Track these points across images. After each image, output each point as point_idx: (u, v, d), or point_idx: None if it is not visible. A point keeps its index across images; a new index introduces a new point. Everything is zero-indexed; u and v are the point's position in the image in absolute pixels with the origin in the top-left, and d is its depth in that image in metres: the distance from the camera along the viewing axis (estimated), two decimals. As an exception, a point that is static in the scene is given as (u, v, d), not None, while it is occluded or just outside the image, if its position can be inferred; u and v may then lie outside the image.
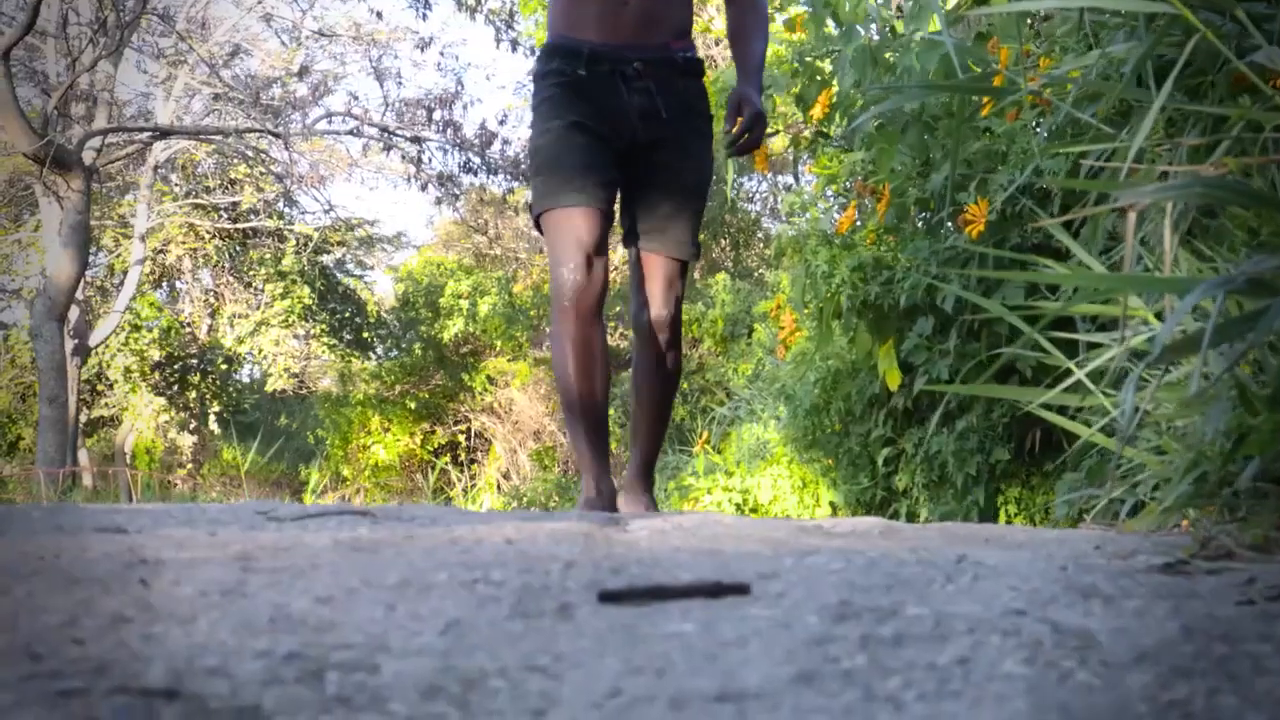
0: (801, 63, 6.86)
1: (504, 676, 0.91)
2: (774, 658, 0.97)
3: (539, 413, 25.33)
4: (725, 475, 9.15)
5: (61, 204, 19.68)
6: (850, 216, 6.17)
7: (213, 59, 24.16)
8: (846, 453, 6.74)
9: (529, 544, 1.70)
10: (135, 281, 25.30)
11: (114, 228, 28.46)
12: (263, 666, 0.91)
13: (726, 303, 17.80)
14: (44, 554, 1.48)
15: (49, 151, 18.02)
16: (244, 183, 28.18)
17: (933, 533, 2.13)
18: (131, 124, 24.69)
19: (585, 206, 4.45)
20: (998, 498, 5.83)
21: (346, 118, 25.24)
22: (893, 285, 5.64)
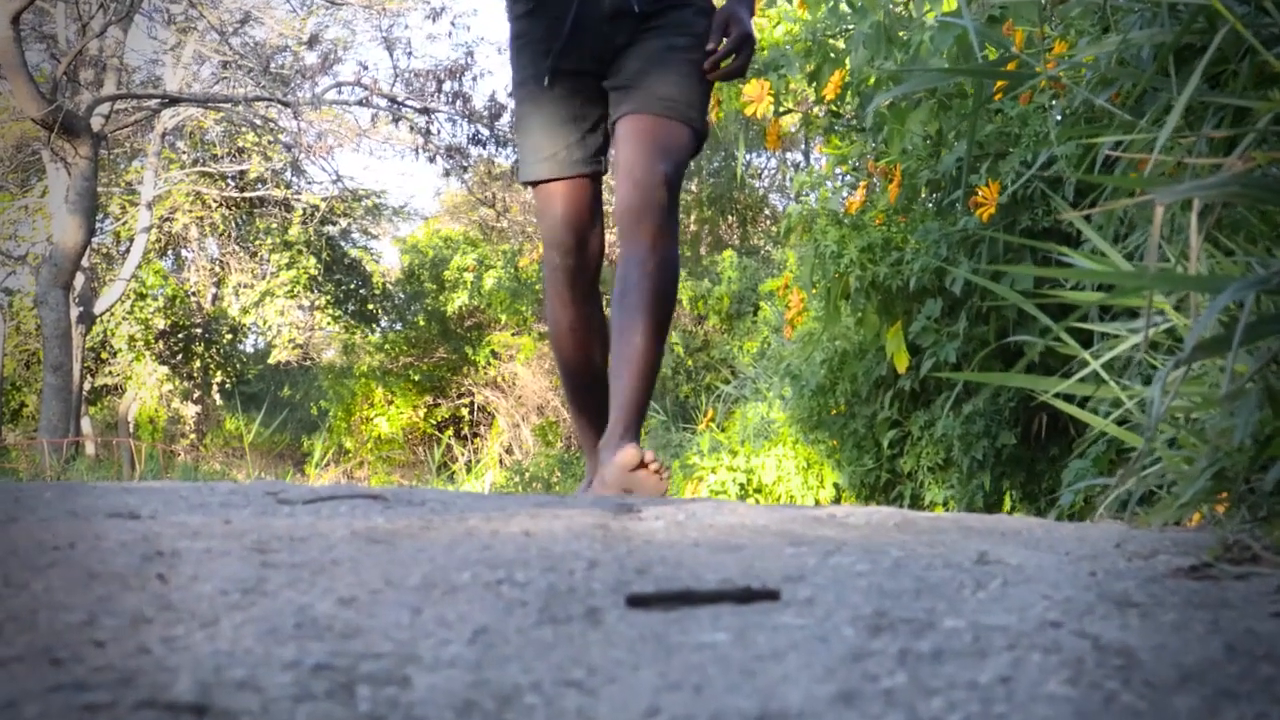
0: (815, 41, 6.83)
1: (538, 692, 0.89)
2: (813, 674, 0.96)
3: (542, 387, 25.35)
4: (730, 455, 9.14)
5: (69, 170, 19.70)
6: (861, 197, 6.15)
7: (222, 26, 24.13)
8: (852, 434, 6.74)
9: (548, 539, 1.68)
10: (141, 249, 25.35)
11: (121, 195, 28.48)
12: (292, 679, 0.89)
13: (733, 280, 17.82)
14: (59, 543, 1.46)
15: (57, 117, 18.03)
16: (251, 151, 28.16)
17: (948, 525, 2.11)
18: (140, 90, 24.67)
19: (562, 177, 4.12)
20: (1003, 482, 5.82)
21: (356, 88, 25.22)
22: (902, 267, 5.63)
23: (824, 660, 1.00)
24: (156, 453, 20.15)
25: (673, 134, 4.07)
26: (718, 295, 18.41)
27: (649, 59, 4.13)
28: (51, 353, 19.92)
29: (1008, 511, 5.77)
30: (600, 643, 1.06)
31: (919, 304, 5.76)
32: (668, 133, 4.06)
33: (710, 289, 18.65)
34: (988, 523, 2.20)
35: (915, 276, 5.50)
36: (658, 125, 4.05)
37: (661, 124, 4.05)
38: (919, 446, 6.27)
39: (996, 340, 5.38)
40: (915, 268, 5.49)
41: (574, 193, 4.14)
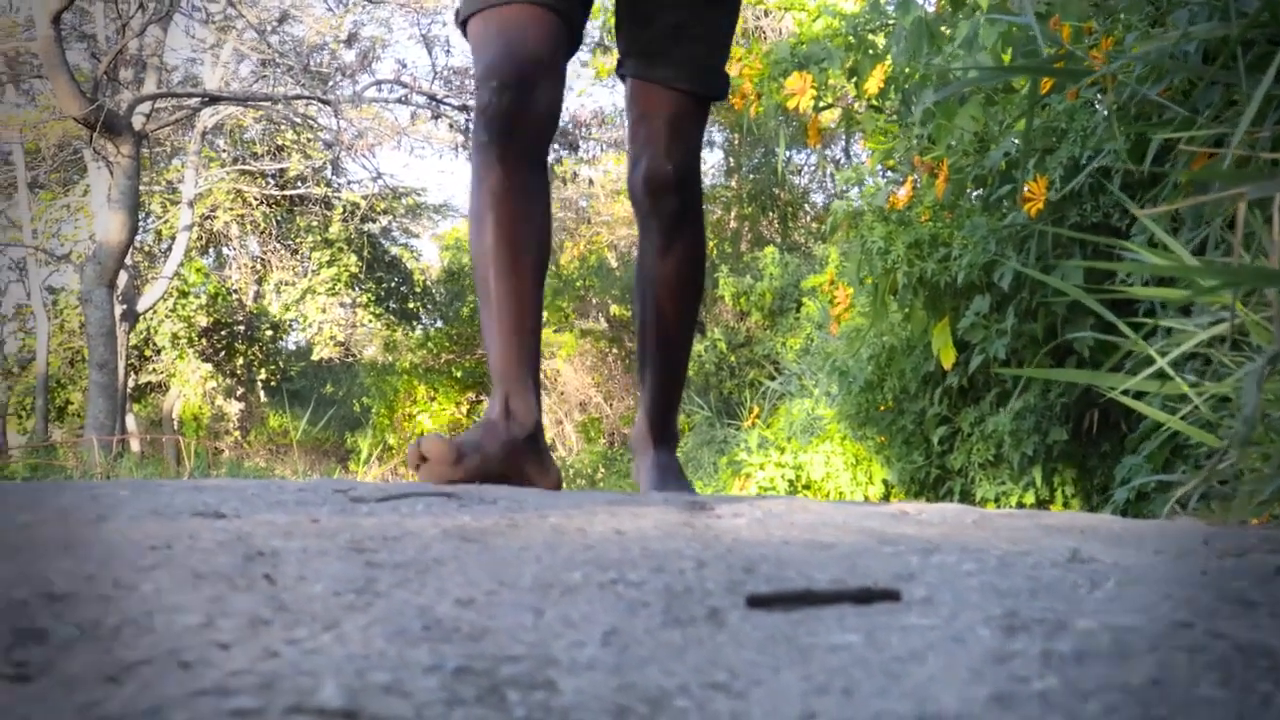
0: (856, 36, 6.83)
1: (686, 695, 0.88)
2: (960, 676, 0.95)
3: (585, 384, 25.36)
4: (777, 451, 9.13)
5: (111, 169, 19.76)
6: (907, 192, 6.14)
7: (261, 24, 24.20)
8: (900, 430, 6.73)
9: (642, 537, 1.68)
10: (183, 247, 25.44)
11: (162, 193, 28.59)
12: (438, 683, 0.89)
13: (774, 276, 17.78)
14: (156, 543, 1.46)
15: (98, 116, 18.09)
16: (291, 149, 28.26)
17: (1024, 522, 2.10)
18: (180, 89, 24.76)
19: (525, 3, 3.25)
20: (1054, 478, 5.81)
21: (395, 85, 25.26)
22: (949, 262, 5.61)
23: (967, 662, 0.99)
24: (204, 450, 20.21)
25: (703, 108, 3.65)
26: (760, 291, 18.36)
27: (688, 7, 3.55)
28: (96, 350, 19.98)
29: (1060, 507, 5.76)
30: (730, 644, 1.05)
31: (966, 300, 5.75)
32: (699, 109, 3.63)
33: (752, 285, 18.59)
34: (1062, 519, 2.19)
35: (963, 272, 5.48)
36: (690, 106, 3.60)
37: (692, 104, 3.60)
38: (969, 443, 6.25)
39: (1045, 337, 5.37)
40: (963, 263, 5.48)
41: (538, 20, 3.27)
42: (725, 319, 20.86)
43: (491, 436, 3.15)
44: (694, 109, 3.62)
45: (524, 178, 3.28)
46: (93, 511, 1.74)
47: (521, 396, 3.25)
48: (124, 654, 0.95)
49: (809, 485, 8.83)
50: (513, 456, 3.14)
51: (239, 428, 31.55)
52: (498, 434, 3.16)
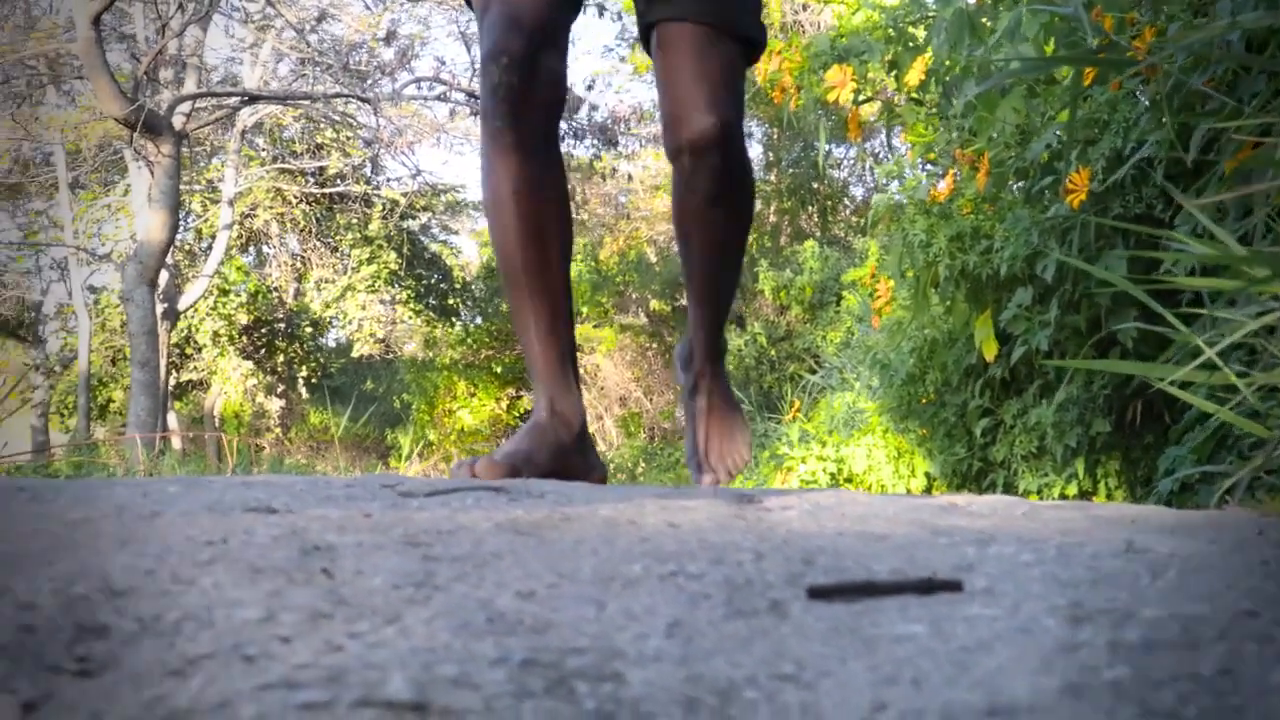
0: (896, 28, 6.81)
1: (755, 686, 0.88)
2: (1029, 666, 0.94)
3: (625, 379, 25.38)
4: (819, 444, 9.12)
5: (151, 169, 19.83)
6: (948, 185, 6.12)
7: (300, 23, 24.26)
8: (942, 423, 6.71)
9: (696, 530, 1.67)
10: (223, 246, 25.54)
11: (202, 192, 28.71)
12: (505, 676, 0.88)
13: (814, 270, 17.78)
14: (212, 538, 1.47)
15: (139, 116, 18.15)
16: (330, 148, 28.34)
17: (1074, 514, 2.09)
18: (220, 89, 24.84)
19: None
20: (1097, 470, 5.79)
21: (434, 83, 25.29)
22: (991, 255, 5.59)
23: (1035, 652, 0.99)
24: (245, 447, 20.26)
25: (738, 52, 3.30)
26: (800, 285, 18.36)
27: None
28: (138, 349, 20.04)
29: (1103, 499, 5.75)
30: (795, 635, 1.04)
31: (1008, 292, 5.73)
32: (731, 48, 3.27)
33: (792, 279, 18.60)
34: (1112, 511, 2.18)
35: (1005, 264, 5.46)
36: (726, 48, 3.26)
37: (728, 44, 3.26)
38: (1011, 435, 6.24)
39: (1088, 328, 5.35)
40: (1005, 255, 5.46)
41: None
42: (765, 313, 20.86)
43: (540, 443, 3.10)
44: (728, 50, 3.27)
45: (540, 162, 3.14)
46: (145, 507, 1.74)
47: (565, 396, 3.19)
48: (187, 648, 0.96)
49: (851, 478, 8.82)
50: (561, 458, 3.09)
51: (280, 425, 31.66)
52: (546, 439, 3.11)
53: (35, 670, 0.88)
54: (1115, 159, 4.97)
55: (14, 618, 1.03)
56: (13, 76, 23.44)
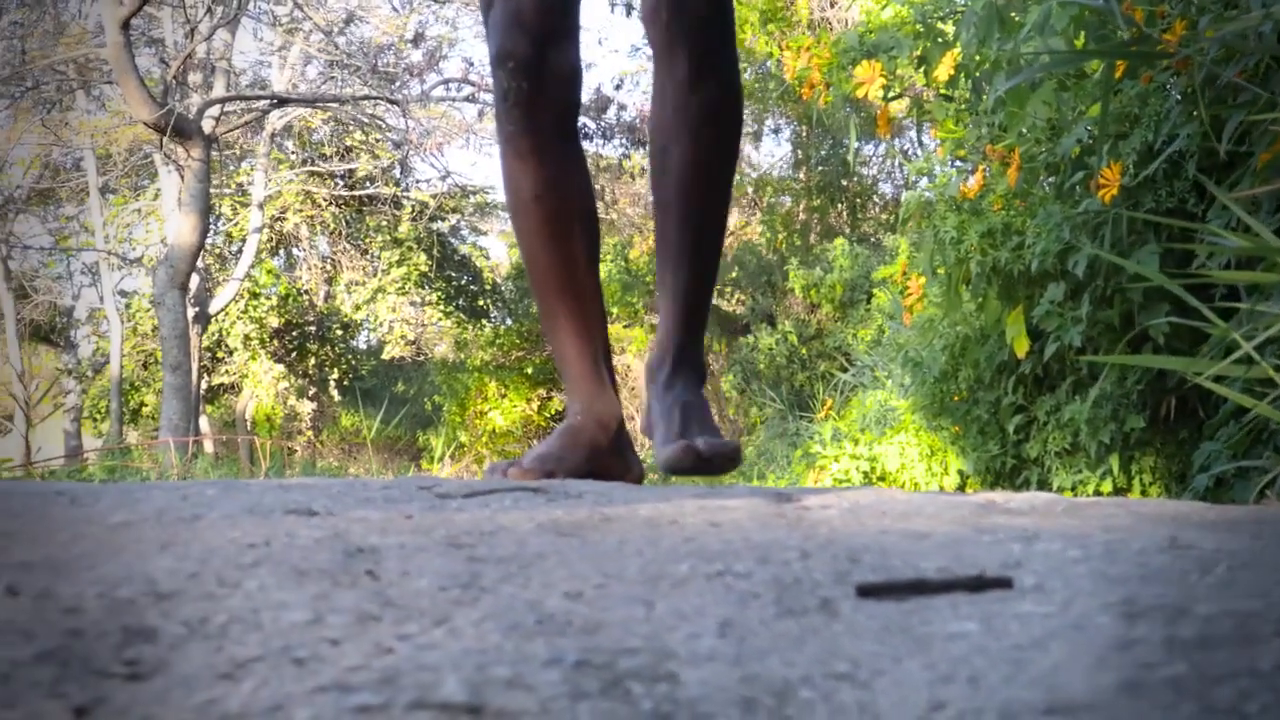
0: (924, 24, 6.80)
1: (810, 686, 0.87)
2: (1086, 663, 0.93)
3: (656, 379, 25.33)
4: (851, 443, 9.11)
5: (181, 173, 19.89)
6: (979, 181, 6.11)
7: (328, 26, 24.31)
8: (975, 420, 6.70)
9: (738, 529, 1.67)
10: (254, 249, 25.61)
11: (232, 196, 28.79)
12: (560, 677, 0.88)
13: (844, 268, 17.74)
14: (254, 541, 1.47)
15: (169, 120, 18.20)
16: (359, 150, 28.41)
17: (1114, 509, 2.08)
18: (249, 92, 24.90)
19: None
20: (1131, 466, 5.78)
21: (462, 84, 25.33)
22: (1022, 250, 5.58)
23: (1091, 649, 0.98)
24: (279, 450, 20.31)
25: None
26: (830, 283, 18.32)
27: None
28: (170, 353, 20.09)
29: (1137, 495, 5.73)
30: (847, 634, 1.04)
31: (1040, 288, 5.71)
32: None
33: (822, 277, 18.56)
34: (1151, 507, 2.17)
35: (1037, 260, 5.45)
36: None
37: None
38: (1045, 431, 6.22)
39: (1121, 324, 5.33)
40: (1036, 251, 5.44)
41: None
42: (796, 311, 20.83)
43: (573, 445, 3.00)
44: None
45: (559, 163, 3.08)
46: (185, 510, 1.74)
47: (599, 396, 3.09)
48: (235, 651, 0.95)
49: (883, 477, 8.81)
50: (595, 459, 2.99)
51: (312, 427, 31.71)
52: (579, 440, 3.00)
53: (84, 674, 0.88)
54: (1147, 153, 4.96)
55: (60, 622, 1.03)
56: (43, 82, 23.53)
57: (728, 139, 3.16)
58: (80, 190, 29.64)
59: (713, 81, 3.07)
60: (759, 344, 19.46)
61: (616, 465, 3.07)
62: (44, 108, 25.26)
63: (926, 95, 7.44)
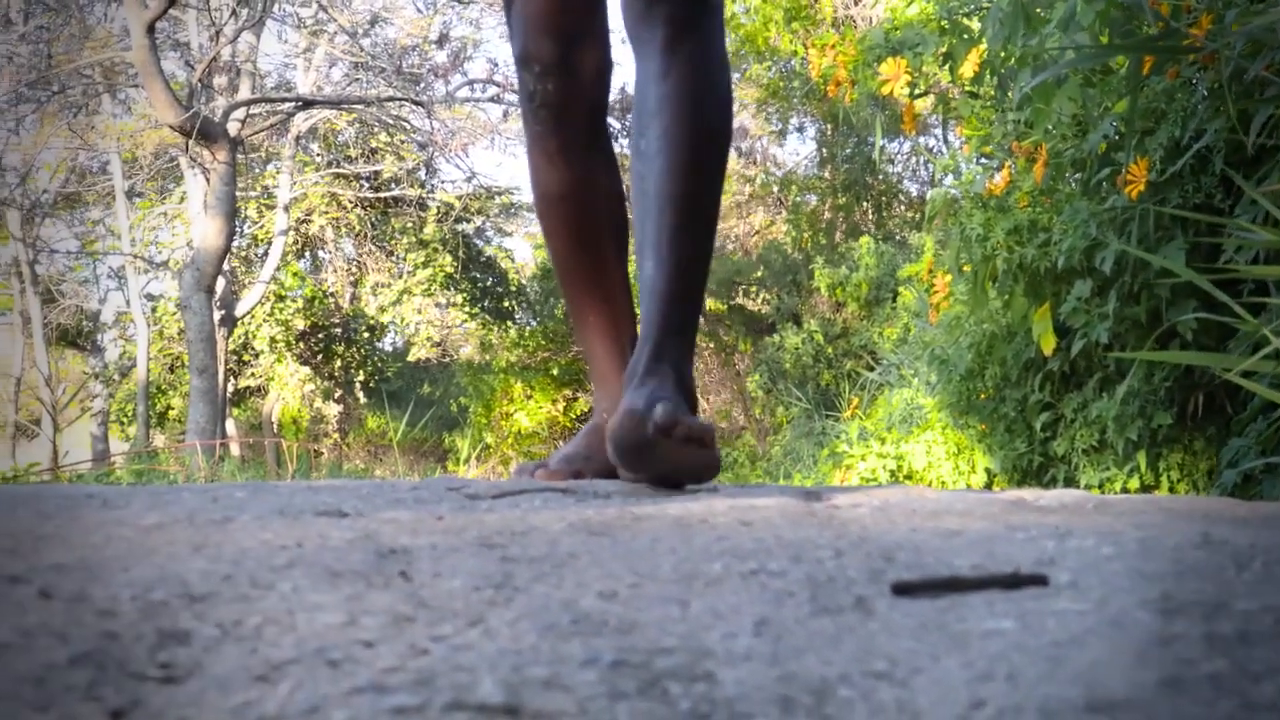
0: (950, 20, 6.78)
1: (849, 684, 0.87)
2: (1125, 660, 0.93)
3: (681, 378, 25.29)
4: (878, 442, 9.10)
5: (207, 176, 19.92)
6: (1006, 178, 6.09)
7: (352, 28, 24.34)
8: (1002, 418, 6.68)
9: (769, 527, 1.67)
10: (279, 252, 25.63)
11: (258, 198, 28.82)
12: (597, 677, 0.88)
13: (870, 266, 17.70)
14: (286, 543, 1.47)
15: (194, 123, 18.23)
16: (385, 152, 28.43)
17: (1144, 506, 2.08)
18: (274, 94, 24.93)
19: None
20: (1159, 463, 5.76)
21: (487, 84, 25.34)
22: (1049, 247, 5.56)
23: (1129, 645, 0.97)
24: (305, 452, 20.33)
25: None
26: (855, 282, 18.28)
27: None
28: (197, 356, 20.12)
29: (1165, 492, 5.72)
30: (884, 632, 1.03)
31: (1067, 285, 5.70)
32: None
33: (848, 276, 18.52)
34: (1183, 503, 2.17)
35: (1063, 257, 5.43)
36: None
37: None
38: (1072, 429, 6.21)
39: (1148, 320, 5.32)
40: (1063, 248, 5.43)
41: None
42: (821, 310, 20.81)
43: (601, 444, 2.82)
44: None
45: (587, 163, 2.96)
46: (216, 513, 1.75)
47: None
48: (270, 654, 0.95)
49: (910, 475, 8.80)
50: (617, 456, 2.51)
51: (338, 430, 31.74)
52: (617, 445, 2.48)
53: (120, 677, 0.88)
54: (1174, 149, 4.94)
55: (95, 624, 1.03)
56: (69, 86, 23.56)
57: (712, 111, 2.78)
58: (106, 194, 29.73)
59: (691, 48, 2.76)
60: (785, 343, 19.43)
61: None
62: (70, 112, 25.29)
63: (951, 92, 7.43)
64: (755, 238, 25.41)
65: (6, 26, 23.06)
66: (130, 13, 18.22)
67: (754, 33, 20.56)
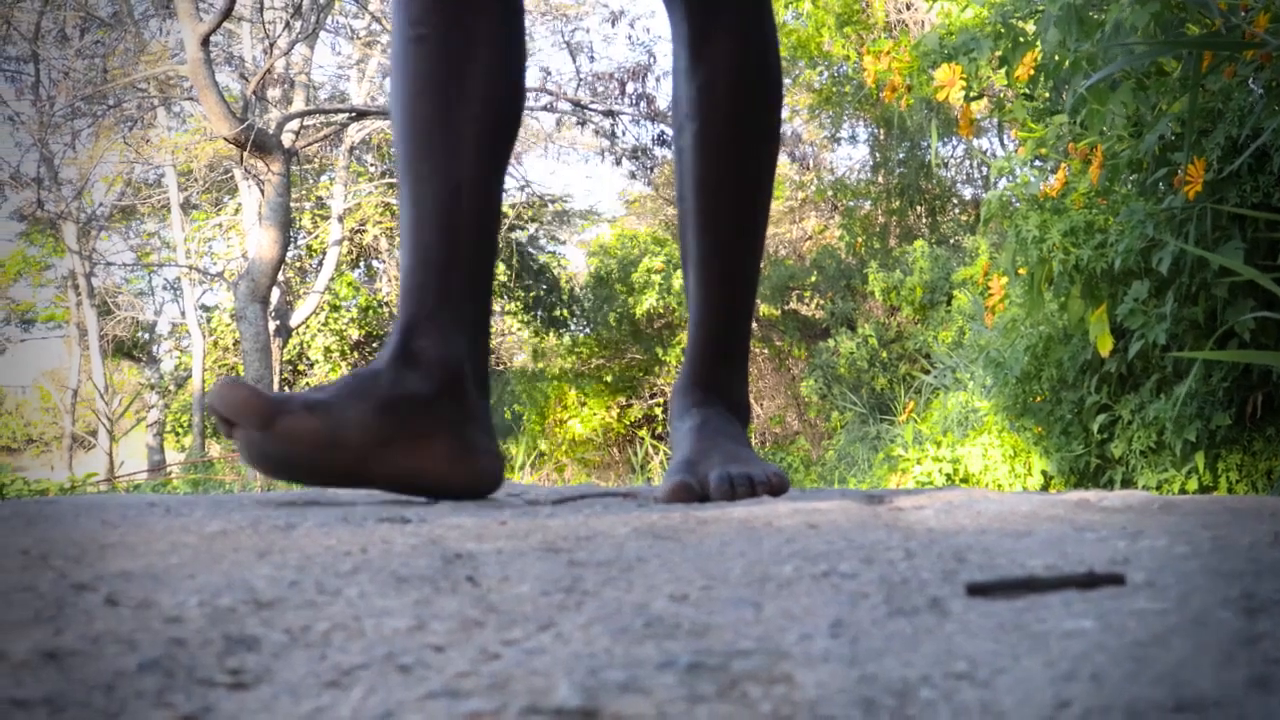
0: (1005, 24, 6.77)
1: (930, 685, 0.85)
2: (1211, 659, 0.91)
3: (735, 385, 25.25)
4: (933, 445, 9.08)
5: (261, 187, 19.99)
6: (1061, 180, 6.07)
7: (405, 38, 24.41)
8: (1059, 420, 6.66)
9: (837, 530, 1.66)
10: (334, 262, 25.69)
11: (312, 209, 28.91)
12: (674, 680, 0.86)
13: (924, 270, 17.66)
14: (351, 549, 1.47)
15: (249, 135, 18.29)
16: (437, 161, 28.49)
17: (1210, 505, 2.06)
18: (328, 106, 25.03)
19: None
20: (1218, 464, 5.73)
21: (540, 94, 25.39)
22: (1105, 249, 5.53)
23: (1214, 644, 0.96)
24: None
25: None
26: (910, 286, 18.22)
27: None
28: (252, 366, 20.18)
29: (1224, 493, 5.69)
30: (961, 633, 1.02)
31: (1124, 286, 5.68)
32: None
33: (902, 280, 18.48)
34: (1249, 503, 2.15)
35: (1120, 258, 5.41)
36: None
37: None
38: (1129, 430, 6.18)
39: (1206, 320, 5.29)
40: (1120, 249, 5.40)
41: None
42: (876, 315, 20.78)
43: (360, 395, 2.10)
44: None
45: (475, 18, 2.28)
46: (280, 519, 1.75)
47: (432, 331, 2.17)
48: (340, 659, 0.95)
49: (966, 479, 8.78)
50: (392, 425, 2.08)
51: (394, 438, 31.77)
52: (376, 390, 2.09)
53: (189, 684, 0.88)
54: (1230, 148, 4.92)
55: (163, 631, 1.02)
56: (124, 100, 23.69)
57: (750, 110, 2.39)
58: (162, 207, 29.85)
59: (725, 35, 2.36)
60: (839, 348, 19.40)
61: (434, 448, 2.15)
62: (126, 125, 25.44)
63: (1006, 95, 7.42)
64: (809, 243, 25.37)
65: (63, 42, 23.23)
66: (185, 27, 18.31)
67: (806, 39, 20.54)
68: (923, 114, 17.32)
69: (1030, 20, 6.71)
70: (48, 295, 35.75)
